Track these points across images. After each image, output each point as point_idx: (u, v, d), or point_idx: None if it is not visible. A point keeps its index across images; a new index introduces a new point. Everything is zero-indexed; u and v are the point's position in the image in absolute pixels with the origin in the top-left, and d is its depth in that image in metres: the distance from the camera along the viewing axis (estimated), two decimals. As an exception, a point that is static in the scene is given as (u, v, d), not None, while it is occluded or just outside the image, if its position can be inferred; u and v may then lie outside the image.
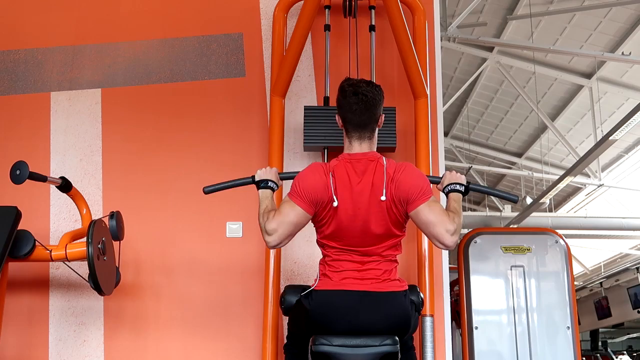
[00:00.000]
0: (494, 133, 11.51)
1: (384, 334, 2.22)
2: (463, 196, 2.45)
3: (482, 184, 12.18)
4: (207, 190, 2.65)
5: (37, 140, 3.61)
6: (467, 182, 2.49)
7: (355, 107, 2.33)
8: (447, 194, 2.46)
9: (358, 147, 2.36)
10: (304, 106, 3.38)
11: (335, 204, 2.23)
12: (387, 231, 2.28)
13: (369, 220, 2.25)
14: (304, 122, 3.32)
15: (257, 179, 2.51)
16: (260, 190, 2.47)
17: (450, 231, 2.21)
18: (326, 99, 3.39)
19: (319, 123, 3.30)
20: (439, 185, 2.52)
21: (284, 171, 3.20)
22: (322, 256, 2.38)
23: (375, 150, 2.39)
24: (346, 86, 2.37)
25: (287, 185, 3.38)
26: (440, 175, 2.56)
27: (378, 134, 2.44)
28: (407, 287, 2.33)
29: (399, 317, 2.27)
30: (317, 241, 2.38)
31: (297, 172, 2.46)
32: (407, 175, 2.28)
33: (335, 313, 2.23)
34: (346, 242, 2.29)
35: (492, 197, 12.21)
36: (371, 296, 2.24)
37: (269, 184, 2.48)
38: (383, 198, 2.23)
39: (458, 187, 2.44)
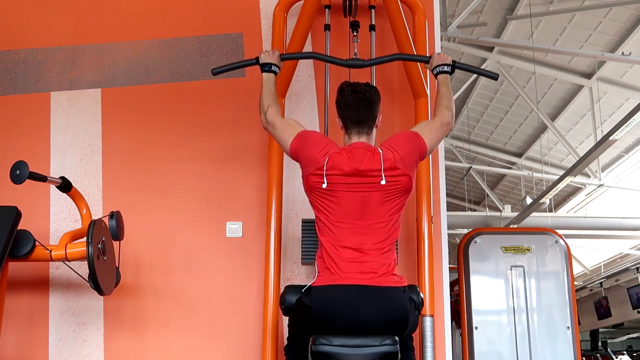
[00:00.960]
0: (494, 133, 11.50)
1: (383, 331, 2.22)
2: (450, 74, 2.69)
3: (482, 184, 12.18)
4: (216, 72, 2.82)
5: (37, 140, 3.61)
6: (453, 61, 2.70)
7: (353, 103, 2.44)
8: (435, 76, 2.69)
9: (357, 139, 2.45)
10: (302, 219, 3.21)
11: (324, 185, 2.32)
12: (385, 217, 2.33)
13: (366, 203, 2.32)
14: (302, 236, 3.16)
15: (261, 61, 2.72)
16: (263, 74, 2.71)
17: (448, 119, 2.54)
18: None
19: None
20: (427, 66, 2.76)
21: (283, 172, 3.19)
22: (319, 253, 2.38)
23: (373, 144, 2.47)
24: (345, 86, 2.50)
25: (289, 181, 3.39)
26: (428, 55, 2.84)
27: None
28: (406, 284, 2.33)
29: (397, 312, 2.27)
30: (316, 224, 2.41)
31: (298, 53, 3.05)
32: (394, 138, 2.46)
33: (335, 307, 2.23)
34: (343, 231, 2.32)
35: (491, 196, 12.21)
36: (370, 290, 2.24)
37: (272, 67, 2.72)
38: (383, 182, 2.31)
39: (445, 67, 2.68)
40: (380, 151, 2.37)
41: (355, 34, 3.28)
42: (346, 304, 2.23)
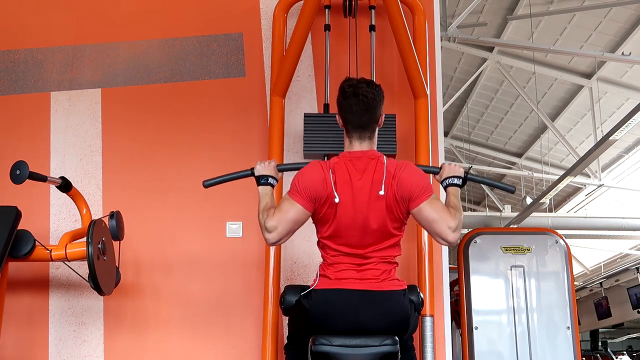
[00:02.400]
0: (494, 133, 11.50)
1: (383, 334, 2.22)
2: (461, 187, 2.47)
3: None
4: (207, 184, 2.65)
5: (37, 140, 3.61)
6: (465, 173, 2.52)
7: (355, 108, 2.33)
8: (445, 188, 2.48)
9: (358, 146, 2.37)
10: (304, 113, 3.37)
11: (337, 200, 2.23)
12: (386, 230, 2.28)
13: (368, 218, 2.25)
14: (304, 130, 3.31)
15: (256, 173, 2.52)
16: (259, 187, 2.48)
17: (452, 228, 2.23)
18: (326, 106, 3.39)
19: (319, 130, 3.29)
20: (437, 177, 2.55)
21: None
22: (321, 259, 2.38)
23: (375, 149, 2.40)
24: (346, 87, 2.37)
25: (287, 181, 3.39)
26: (439, 166, 2.57)
27: (378, 140, 2.45)
28: (405, 287, 2.33)
29: (398, 316, 2.27)
30: (318, 242, 2.38)
31: (296, 164, 2.50)
32: (408, 173, 2.29)
33: (334, 312, 2.23)
34: (345, 240, 2.28)
35: (491, 196, 12.21)
36: (370, 295, 2.24)
37: (269, 180, 2.49)
38: (382, 192, 2.24)
39: (456, 180, 2.46)
40: (385, 161, 2.30)
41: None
42: (346, 308, 2.23)
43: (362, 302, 2.23)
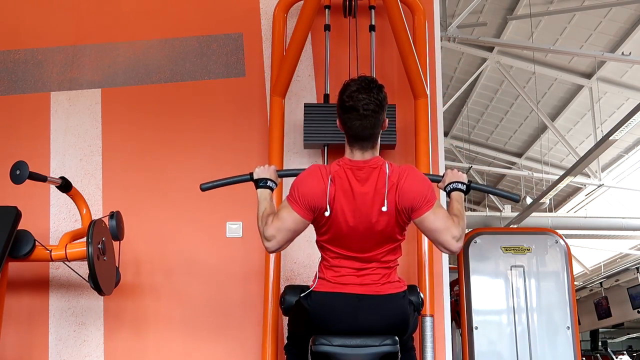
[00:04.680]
0: (494, 133, 11.50)
1: (383, 334, 2.21)
2: (465, 194, 2.44)
3: (482, 183, 12.16)
4: (205, 187, 2.61)
5: (37, 140, 3.61)
6: (469, 180, 2.48)
7: (356, 123, 2.22)
8: (448, 193, 2.44)
9: (360, 155, 2.27)
10: (304, 103, 3.39)
11: (327, 213, 2.18)
12: (387, 237, 2.26)
13: (369, 228, 2.22)
14: (304, 120, 3.32)
15: (255, 177, 2.48)
16: (258, 190, 2.44)
17: (455, 237, 2.20)
18: (326, 97, 3.40)
19: (319, 120, 3.31)
20: (440, 184, 2.50)
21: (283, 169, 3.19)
22: (321, 258, 2.37)
23: (377, 154, 2.31)
24: (345, 98, 2.22)
25: (287, 184, 3.39)
26: (441, 174, 2.55)
27: None
28: (405, 288, 2.32)
29: (397, 317, 2.27)
30: (317, 242, 2.36)
31: (296, 170, 2.45)
32: (411, 182, 2.22)
33: (334, 315, 2.23)
34: (345, 246, 2.27)
35: (492, 196, 12.21)
36: (370, 299, 2.23)
37: (268, 183, 2.45)
38: (384, 209, 2.18)
39: (460, 186, 2.43)
40: (387, 170, 2.22)
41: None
42: (345, 312, 2.22)
43: (362, 305, 2.22)
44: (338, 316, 2.22)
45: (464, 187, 2.43)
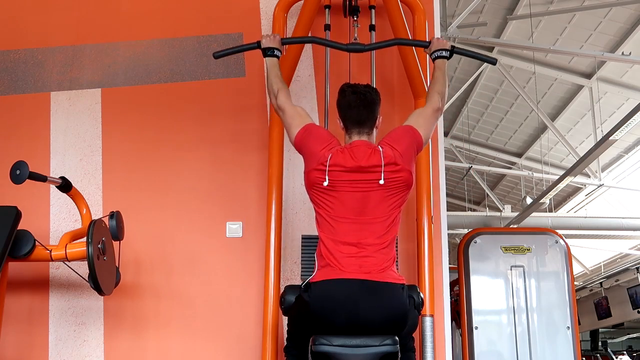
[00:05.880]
0: (494, 133, 11.50)
1: (382, 327, 2.22)
2: (447, 59, 2.73)
3: (482, 184, 12.17)
4: (217, 55, 2.83)
5: (37, 140, 3.61)
6: (452, 46, 2.75)
7: (354, 103, 2.45)
8: (433, 60, 2.75)
9: (357, 137, 2.46)
10: (302, 235, 3.21)
11: (325, 183, 2.34)
12: (384, 211, 2.34)
13: (367, 202, 2.32)
14: (301, 254, 3.16)
15: (262, 46, 2.76)
16: (266, 58, 2.76)
17: (439, 108, 2.59)
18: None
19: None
20: (426, 50, 2.80)
21: (283, 172, 3.20)
22: (318, 249, 2.37)
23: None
24: (345, 87, 2.52)
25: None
26: (428, 41, 2.84)
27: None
28: (404, 281, 2.33)
29: (396, 309, 2.27)
30: (316, 221, 2.40)
31: (300, 38, 3.12)
32: (391, 134, 2.48)
33: (334, 302, 2.23)
34: (344, 215, 2.32)
35: (491, 196, 12.21)
36: (369, 284, 2.24)
37: (275, 52, 2.75)
38: (381, 182, 2.32)
39: (444, 52, 2.73)
40: (381, 149, 2.38)
41: (355, 18, 3.30)
42: (346, 299, 2.23)
43: (362, 291, 2.23)
44: (339, 304, 2.23)
45: (447, 54, 2.73)
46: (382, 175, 2.32)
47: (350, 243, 2.30)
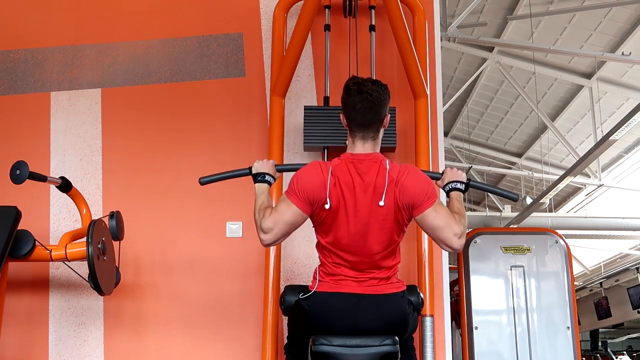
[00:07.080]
0: (494, 133, 11.50)
1: (382, 334, 2.21)
2: (464, 193, 2.44)
3: (480, 182, 12.15)
4: (204, 181, 2.62)
5: (37, 140, 3.61)
6: (468, 179, 2.48)
7: (359, 105, 2.27)
8: (447, 192, 2.45)
9: (361, 147, 2.31)
10: (304, 106, 3.38)
11: (327, 206, 2.20)
12: (386, 236, 2.25)
13: (369, 224, 2.22)
14: (304, 122, 3.32)
15: (254, 171, 2.49)
16: (256, 184, 2.45)
17: (457, 234, 2.19)
18: (326, 99, 3.40)
19: (319, 123, 3.30)
20: (439, 182, 2.50)
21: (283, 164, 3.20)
22: (320, 263, 2.35)
23: (378, 151, 2.34)
24: (351, 84, 2.31)
25: (287, 180, 3.39)
26: (441, 172, 2.55)
27: None
28: (404, 288, 2.32)
29: (396, 317, 2.27)
30: (316, 246, 2.35)
31: (295, 165, 2.47)
32: (412, 179, 2.24)
33: (333, 315, 2.23)
34: (345, 249, 2.25)
35: (492, 196, 12.21)
36: (369, 299, 2.23)
37: (266, 177, 2.46)
38: (381, 203, 2.20)
39: (459, 185, 2.43)
40: (387, 166, 2.24)
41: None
42: (345, 312, 2.22)
43: (361, 305, 2.22)
44: (337, 316, 2.22)
45: (462, 187, 2.43)
46: (384, 197, 2.19)
47: (352, 262, 2.26)
